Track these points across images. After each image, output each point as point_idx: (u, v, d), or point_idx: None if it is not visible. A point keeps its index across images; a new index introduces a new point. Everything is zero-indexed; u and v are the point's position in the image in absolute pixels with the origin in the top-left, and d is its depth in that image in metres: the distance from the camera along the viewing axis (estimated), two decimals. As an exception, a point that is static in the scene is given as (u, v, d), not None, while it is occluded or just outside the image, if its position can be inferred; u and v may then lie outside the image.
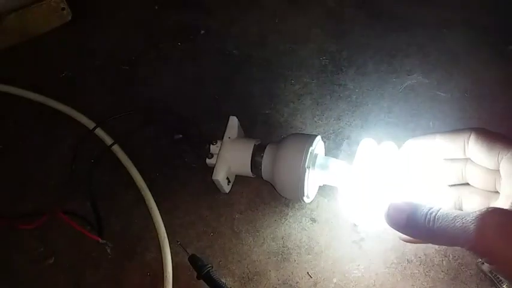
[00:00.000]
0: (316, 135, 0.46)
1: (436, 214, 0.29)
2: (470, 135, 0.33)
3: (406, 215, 0.31)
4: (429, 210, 0.30)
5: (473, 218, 0.27)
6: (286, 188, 0.47)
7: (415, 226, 0.30)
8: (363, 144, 0.40)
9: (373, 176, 0.38)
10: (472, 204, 0.35)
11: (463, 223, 0.27)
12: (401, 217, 0.31)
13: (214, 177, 0.49)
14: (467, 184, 0.36)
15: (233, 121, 0.51)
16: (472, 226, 0.27)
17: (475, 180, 0.35)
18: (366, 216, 0.39)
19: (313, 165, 0.45)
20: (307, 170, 0.44)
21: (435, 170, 0.36)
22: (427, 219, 0.29)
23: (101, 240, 0.50)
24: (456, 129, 0.34)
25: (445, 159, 0.36)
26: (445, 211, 0.29)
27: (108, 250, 0.50)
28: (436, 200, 0.35)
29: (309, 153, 0.44)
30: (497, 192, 0.33)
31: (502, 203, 0.31)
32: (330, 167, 0.45)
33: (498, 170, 0.31)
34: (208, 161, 0.51)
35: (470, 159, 0.34)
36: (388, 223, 0.32)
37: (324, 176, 0.46)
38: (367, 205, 0.39)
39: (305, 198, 0.47)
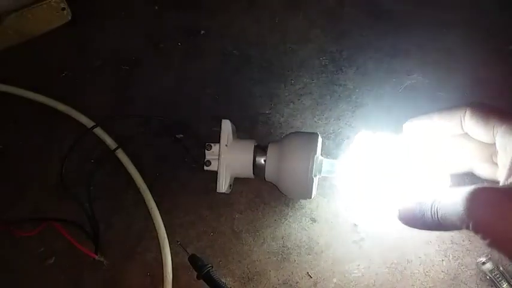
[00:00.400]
0: (317, 137, 0.46)
1: (437, 205, 0.30)
2: (466, 111, 0.33)
3: (416, 214, 0.32)
4: (432, 203, 0.30)
5: (462, 200, 0.28)
6: (292, 193, 0.47)
7: (425, 222, 0.32)
8: (359, 137, 0.40)
9: (371, 167, 0.38)
10: (483, 171, 0.36)
11: (455, 207, 0.28)
12: (412, 217, 0.32)
13: (219, 191, 0.48)
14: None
15: (226, 125, 0.49)
16: (461, 209, 0.28)
17: (473, 154, 0.36)
18: (365, 209, 0.39)
19: (320, 172, 0.45)
20: (314, 178, 0.44)
21: (436, 149, 0.37)
22: (432, 212, 0.30)
23: (96, 257, 0.49)
24: (453, 106, 0.35)
25: (443, 135, 0.37)
26: (443, 199, 0.30)
27: (104, 263, 0.50)
28: (439, 181, 0.35)
29: (315, 161, 0.44)
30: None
31: (500, 173, 0.32)
32: (336, 171, 0.45)
33: (494, 144, 0.32)
34: (206, 168, 0.49)
35: (467, 134, 0.35)
36: (402, 223, 0.33)
37: (329, 176, 0.46)
38: (365, 197, 0.39)
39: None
